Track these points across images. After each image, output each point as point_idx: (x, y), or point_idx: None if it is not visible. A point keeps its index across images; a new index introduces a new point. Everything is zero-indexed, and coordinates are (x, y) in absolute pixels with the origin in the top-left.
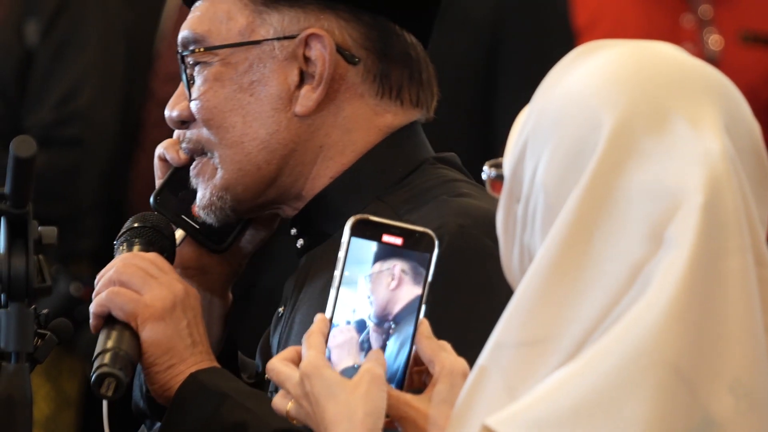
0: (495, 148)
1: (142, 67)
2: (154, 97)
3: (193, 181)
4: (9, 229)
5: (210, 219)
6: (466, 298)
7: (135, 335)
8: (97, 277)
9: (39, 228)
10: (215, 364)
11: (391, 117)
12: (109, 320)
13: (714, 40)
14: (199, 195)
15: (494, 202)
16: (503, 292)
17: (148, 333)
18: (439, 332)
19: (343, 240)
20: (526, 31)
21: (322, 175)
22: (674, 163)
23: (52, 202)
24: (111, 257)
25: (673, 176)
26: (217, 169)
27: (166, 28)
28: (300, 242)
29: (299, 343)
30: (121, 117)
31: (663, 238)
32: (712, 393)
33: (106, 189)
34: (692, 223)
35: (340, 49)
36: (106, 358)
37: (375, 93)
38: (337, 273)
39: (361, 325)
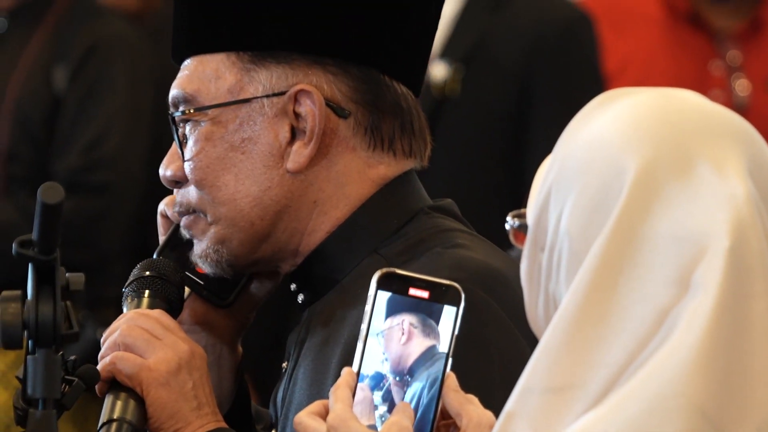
0: (525, 196)
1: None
2: None
3: (186, 233)
4: (36, 275)
5: (206, 268)
6: (462, 352)
7: (140, 401)
8: (102, 337)
9: (66, 274)
10: (222, 425)
11: (384, 168)
12: (114, 384)
13: (742, 87)
14: (195, 246)
15: (488, 252)
16: (499, 344)
17: (152, 398)
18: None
19: (369, 293)
20: (557, 78)
21: (317, 230)
22: (699, 208)
23: (80, 248)
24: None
25: (699, 221)
26: (210, 224)
27: None
28: (300, 297)
29: (304, 399)
30: (149, 162)
31: (689, 282)
32: None
33: (134, 235)
34: (718, 268)
35: (330, 104)
36: (113, 429)
37: (367, 145)
38: (363, 326)
39: (383, 378)
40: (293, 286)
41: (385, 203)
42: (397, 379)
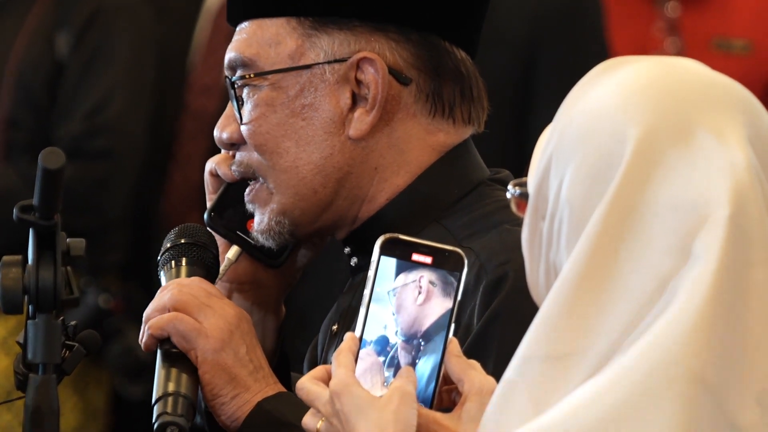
0: (528, 164)
1: (175, 80)
2: (188, 109)
3: (249, 206)
4: (37, 240)
5: (269, 243)
6: (514, 332)
7: (193, 370)
8: (151, 304)
9: (67, 240)
10: (279, 386)
11: (444, 136)
12: (163, 345)
13: (682, 48)
14: (256, 220)
15: None
16: None
17: (209, 365)
18: (496, 367)
19: (372, 258)
20: (562, 48)
21: (377, 197)
22: (699, 176)
23: (81, 214)
24: (140, 270)
25: (699, 189)
26: (272, 194)
27: (200, 40)
28: (354, 260)
29: None
30: (153, 129)
31: (689, 250)
32: (739, 404)
33: (136, 202)
34: (718, 236)
35: (393, 71)
36: (169, 405)
37: (428, 112)
38: (366, 292)
39: (387, 343)
40: (347, 250)
41: (445, 172)
42: (407, 342)
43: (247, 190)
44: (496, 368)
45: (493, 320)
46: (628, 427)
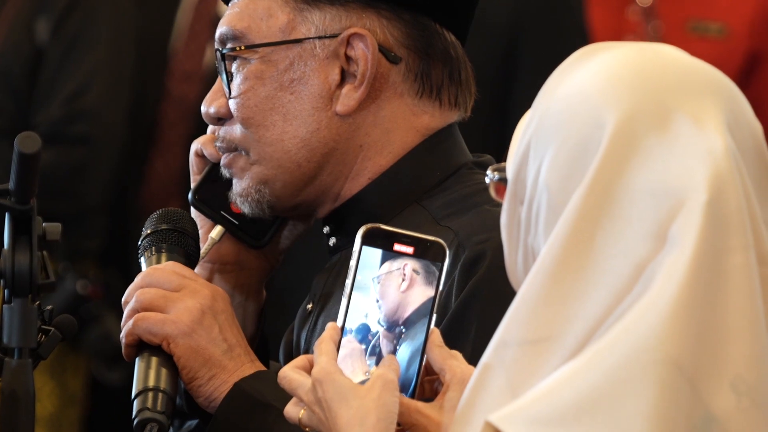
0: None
1: (156, 66)
2: (169, 96)
3: (225, 172)
4: (13, 225)
5: (245, 208)
6: (492, 313)
7: (170, 361)
8: (123, 303)
9: (43, 224)
10: (257, 364)
11: (429, 118)
12: (142, 346)
13: (658, 31)
14: (234, 184)
15: None
16: None
17: (181, 349)
18: (475, 347)
19: (354, 249)
20: (543, 35)
21: (360, 175)
22: (677, 161)
23: (59, 199)
24: (119, 257)
25: (676, 174)
26: (251, 164)
27: (181, 26)
28: (332, 241)
29: None
30: (134, 116)
31: (666, 236)
32: (714, 390)
33: (115, 188)
34: (695, 221)
35: (383, 49)
36: (149, 400)
37: (415, 92)
38: (348, 281)
39: (368, 331)
40: (326, 229)
41: (429, 155)
42: (389, 329)
43: (224, 157)
44: (475, 346)
45: (471, 300)
46: (604, 410)
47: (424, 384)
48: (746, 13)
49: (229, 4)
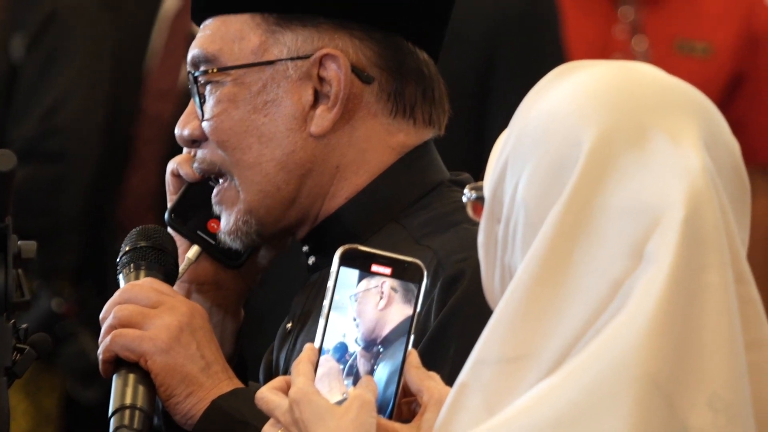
0: (485, 168)
1: (131, 84)
2: (144, 113)
3: (216, 208)
4: None
5: (236, 245)
6: (469, 330)
7: (148, 378)
8: (100, 319)
9: (19, 242)
10: (235, 381)
11: (404, 136)
12: (119, 363)
13: (645, 50)
14: (223, 221)
15: None
16: None
17: (159, 366)
18: (455, 366)
19: (332, 269)
20: (519, 55)
21: (338, 195)
22: (654, 179)
23: (34, 216)
24: (94, 274)
25: (653, 191)
26: (239, 192)
27: (156, 45)
28: (311, 260)
29: None
30: (109, 133)
31: (643, 253)
32: (691, 407)
33: (91, 205)
34: (672, 239)
35: (355, 69)
36: (126, 418)
37: (389, 112)
38: (325, 302)
39: (346, 350)
40: (305, 248)
41: (405, 173)
42: (366, 349)
43: (215, 190)
44: (454, 365)
45: (450, 319)
46: (581, 427)
47: (402, 405)
48: (730, 34)
49: (201, 26)
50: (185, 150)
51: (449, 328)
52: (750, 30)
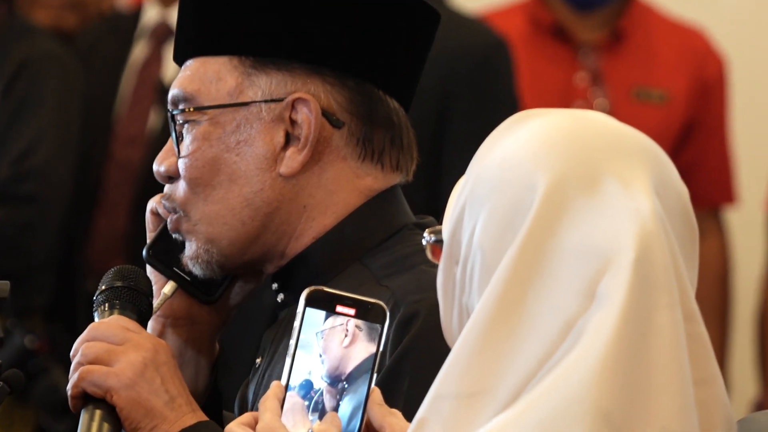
0: (442, 214)
1: (101, 130)
2: (113, 159)
3: (175, 236)
4: None
5: (197, 270)
6: (427, 369)
7: (114, 413)
8: (71, 356)
9: None
10: (199, 414)
11: (372, 180)
12: (87, 398)
13: (605, 97)
14: (187, 247)
15: None
16: None
17: (123, 401)
18: (408, 400)
19: (298, 310)
20: (472, 104)
21: (304, 235)
22: (606, 222)
23: (8, 257)
24: (65, 313)
25: (605, 234)
26: (195, 225)
27: (125, 92)
28: (280, 297)
29: None
30: (79, 177)
31: (595, 293)
32: None
33: (61, 247)
34: (623, 279)
35: (326, 113)
36: None
37: (357, 156)
38: (292, 342)
39: (311, 387)
40: (275, 286)
41: (371, 216)
42: (332, 385)
43: (169, 219)
44: (407, 400)
45: (405, 356)
46: None
47: None
48: (684, 81)
49: (182, 67)
50: (166, 189)
51: (403, 365)
52: (701, 78)
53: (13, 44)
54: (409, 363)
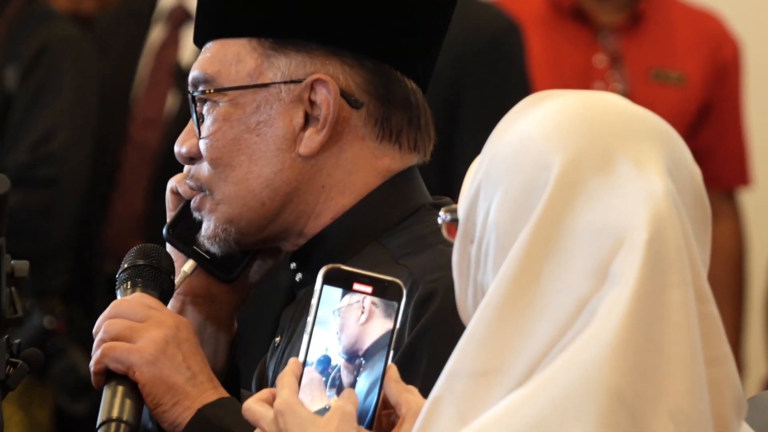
0: (454, 196)
1: (119, 112)
2: (131, 141)
3: (196, 214)
4: None
5: (213, 248)
6: (441, 350)
7: (136, 389)
8: (93, 333)
9: (12, 262)
10: (220, 390)
11: (389, 161)
12: (109, 375)
13: (624, 79)
14: (204, 226)
15: None
16: None
17: (145, 377)
18: (425, 379)
19: (315, 288)
20: (484, 88)
21: (323, 215)
22: (619, 202)
23: (26, 239)
24: (83, 294)
25: (618, 214)
26: (217, 204)
27: (142, 75)
28: (298, 276)
29: None
30: (96, 159)
31: (608, 273)
32: (653, 419)
33: (80, 229)
34: (636, 259)
35: (344, 94)
36: (111, 431)
37: (375, 136)
38: (309, 319)
39: (329, 363)
40: (293, 265)
41: (389, 196)
42: (349, 361)
43: (193, 198)
44: (425, 379)
45: (423, 335)
46: None
47: (382, 417)
48: (701, 63)
49: (203, 49)
50: (185, 170)
51: (421, 344)
52: (717, 61)
53: (32, 29)
54: (428, 341)
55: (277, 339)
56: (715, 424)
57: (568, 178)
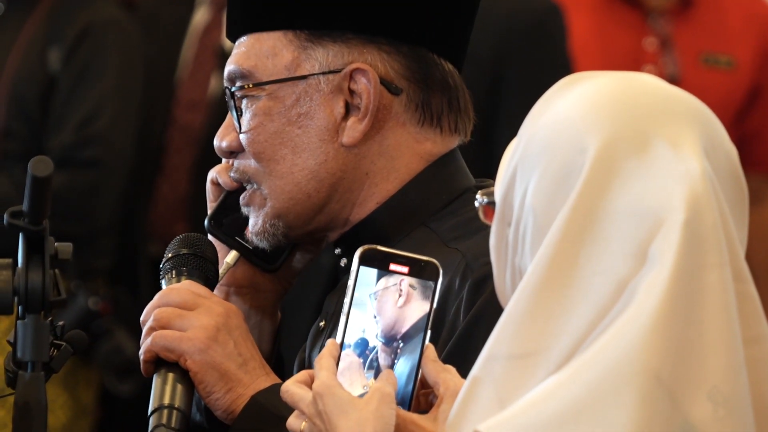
0: (494, 175)
1: (163, 95)
2: (175, 123)
3: (244, 209)
4: (26, 244)
5: (263, 244)
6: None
7: (186, 377)
8: (141, 321)
9: (56, 244)
10: (272, 376)
11: (431, 144)
12: (159, 363)
13: (674, 61)
14: (251, 222)
15: None
16: None
17: (197, 365)
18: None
19: (352, 269)
20: (526, 70)
21: (368, 201)
22: (656, 183)
23: (71, 220)
24: (127, 275)
25: (655, 196)
26: (266, 199)
27: (186, 57)
28: (343, 261)
29: None
30: (141, 142)
31: (646, 255)
32: (692, 400)
33: (123, 210)
34: (674, 240)
35: (384, 81)
36: (164, 417)
37: (417, 121)
38: (346, 300)
39: (366, 346)
40: (338, 250)
41: (433, 179)
42: (387, 344)
43: (243, 194)
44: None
45: (479, 318)
46: (586, 420)
47: (420, 397)
48: (751, 47)
49: (236, 43)
50: (223, 159)
51: (478, 327)
52: (767, 45)
53: (76, 10)
54: (483, 325)
55: (322, 324)
56: (754, 402)
57: (604, 160)
